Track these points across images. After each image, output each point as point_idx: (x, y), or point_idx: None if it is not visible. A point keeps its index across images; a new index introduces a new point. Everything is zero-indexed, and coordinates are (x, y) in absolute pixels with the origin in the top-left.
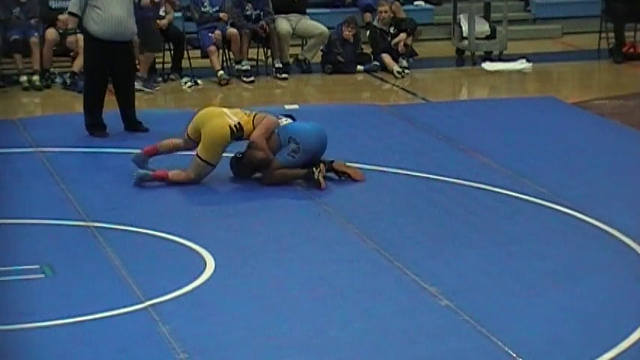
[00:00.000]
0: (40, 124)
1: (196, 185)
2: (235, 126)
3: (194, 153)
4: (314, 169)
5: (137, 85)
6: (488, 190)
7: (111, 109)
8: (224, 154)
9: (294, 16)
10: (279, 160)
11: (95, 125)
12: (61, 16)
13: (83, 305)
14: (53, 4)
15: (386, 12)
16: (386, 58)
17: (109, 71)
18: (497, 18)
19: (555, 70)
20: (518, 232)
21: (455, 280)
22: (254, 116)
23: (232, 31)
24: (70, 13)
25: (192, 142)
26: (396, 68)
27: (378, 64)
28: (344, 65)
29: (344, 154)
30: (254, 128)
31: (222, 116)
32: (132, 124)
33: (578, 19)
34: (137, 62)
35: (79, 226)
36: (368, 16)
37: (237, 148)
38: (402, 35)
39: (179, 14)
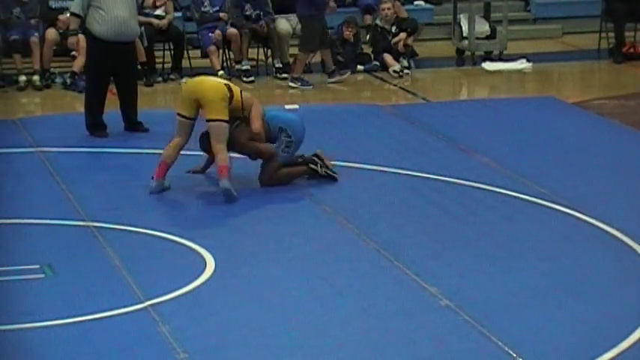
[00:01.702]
0: (40, 124)
1: (196, 185)
2: (227, 85)
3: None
4: (312, 165)
5: (291, 83)
6: (488, 190)
7: (111, 108)
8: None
9: (294, 16)
10: (277, 159)
11: (96, 125)
12: (61, 16)
13: (83, 305)
14: (53, 4)
15: (389, 9)
16: (387, 57)
17: (110, 71)
18: (497, 18)
19: (555, 70)
20: (518, 232)
21: (455, 280)
22: (240, 91)
23: (232, 31)
24: (73, 14)
25: (190, 121)
26: (394, 67)
27: (378, 64)
28: (344, 65)
29: (344, 154)
30: (242, 101)
31: (210, 79)
32: (132, 124)
33: (578, 19)
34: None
35: (79, 226)
36: (368, 17)
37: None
38: (402, 35)
39: (179, 14)
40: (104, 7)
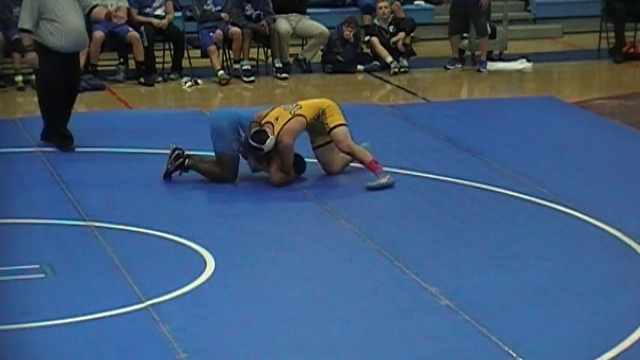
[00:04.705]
0: (40, 124)
1: (196, 185)
2: None
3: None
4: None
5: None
6: (488, 190)
7: (111, 109)
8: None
9: (294, 16)
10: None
11: (58, 135)
12: None
13: (83, 305)
14: None
15: (386, 7)
16: (381, 51)
17: (63, 82)
18: (497, 18)
19: (555, 69)
20: (518, 232)
21: (455, 280)
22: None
23: (235, 30)
24: (23, 30)
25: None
26: (389, 59)
27: (378, 63)
28: (344, 65)
29: None
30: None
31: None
32: (65, 135)
33: (578, 19)
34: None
35: (79, 226)
36: (367, 17)
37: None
38: (401, 34)
39: (179, 14)
40: (59, 18)
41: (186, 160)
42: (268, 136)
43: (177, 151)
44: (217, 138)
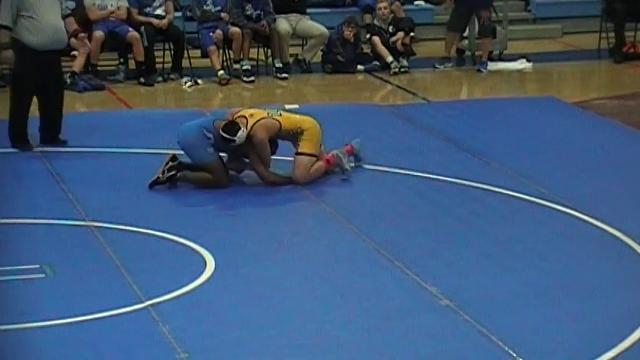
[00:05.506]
0: (36, 124)
1: (197, 186)
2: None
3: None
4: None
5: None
6: (488, 190)
7: (111, 108)
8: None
9: (294, 16)
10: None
11: (21, 136)
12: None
13: (83, 305)
14: None
15: (385, 8)
16: (382, 51)
17: (40, 82)
18: (498, 18)
19: (555, 70)
20: (518, 232)
21: (455, 280)
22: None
23: (235, 30)
24: (3, 26)
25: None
26: (390, 59)
27: (378, 63)
28: (344, 65)
29: None
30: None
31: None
32: (54, 138)
33: (578, 19)
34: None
35: (79, 226)
36: (368, 17)
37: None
38: (400, 34)
39: (179, 14)
40: (36, 15)
41: (178, 173)
42: (240, 128)
43: (171, 163)
44: (192, 152)
